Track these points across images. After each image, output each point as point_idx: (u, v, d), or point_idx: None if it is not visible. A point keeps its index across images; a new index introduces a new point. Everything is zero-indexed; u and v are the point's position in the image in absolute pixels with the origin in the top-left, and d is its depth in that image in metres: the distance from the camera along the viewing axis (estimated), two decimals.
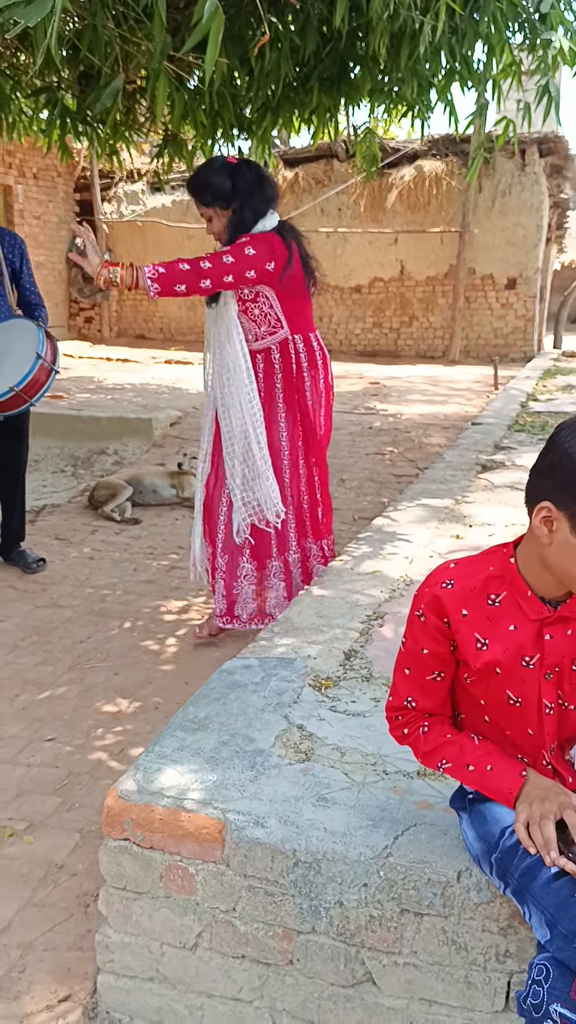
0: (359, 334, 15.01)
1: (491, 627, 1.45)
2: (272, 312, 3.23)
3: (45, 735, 2.82)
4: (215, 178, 3.14)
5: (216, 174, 3.15)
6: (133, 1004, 1.78)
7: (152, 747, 1.92)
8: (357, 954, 1.61)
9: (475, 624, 1.46)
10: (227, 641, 3.54)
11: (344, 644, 2.54)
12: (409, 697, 1.56)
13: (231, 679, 2.28)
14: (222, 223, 3.18)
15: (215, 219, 3.18)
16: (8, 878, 2.15)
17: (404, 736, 1.60)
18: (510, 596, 1.45)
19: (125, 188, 15.38)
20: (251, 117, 4.85)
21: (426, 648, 1.51)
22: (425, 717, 1.58)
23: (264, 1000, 1.69)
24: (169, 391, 9.62)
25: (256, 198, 3.16)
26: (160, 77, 3.57)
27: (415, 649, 1.52)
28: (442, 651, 1.50)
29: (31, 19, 1.72)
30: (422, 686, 1.54)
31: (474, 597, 1.46)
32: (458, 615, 1.47)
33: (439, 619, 1.48)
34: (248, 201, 3.14)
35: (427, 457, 6.88)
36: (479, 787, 1.49)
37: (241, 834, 1.64)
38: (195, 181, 3.20)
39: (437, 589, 1.48)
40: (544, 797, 1.40)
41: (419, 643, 1.51)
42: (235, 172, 3.16)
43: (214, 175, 3.15)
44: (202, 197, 3.17)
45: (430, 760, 1.55)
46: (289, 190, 14.51)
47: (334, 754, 1.92)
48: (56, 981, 1.85)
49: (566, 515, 1.32)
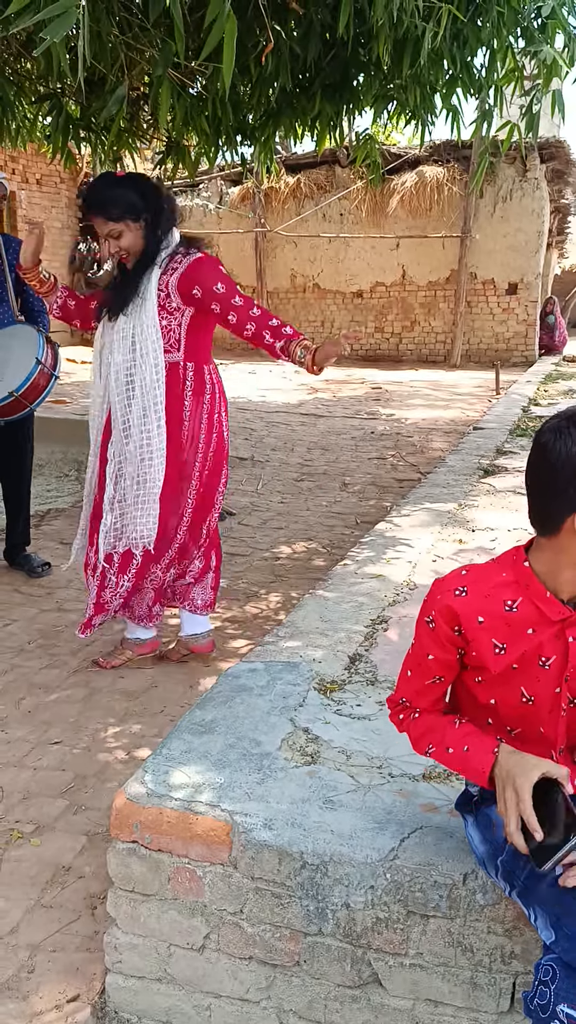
0: (361, 339, 15.03)
1: (509, 632, 1.46)
2: (177, 332, 3.05)
3: (51, 738, 2.84)
4: (119, 191, 2.97)
5: (118, 187, 3.00)
6: (141, 1004, 1.79)
7: (160, 750, 1.93)
8: (363, 955, 1.62)
9: (493, 630, 1.46)
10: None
11: (349, 648, 2.55)
12: (404, 697, 1.59)
13: (237, 683, 2.29)
14: (134, 237, 2.99)
15: (126, 234, 2.98)
16: (16, 880, 2.16)
17: (400, 722, 1.62)
18: (527, 601, 1.45)
19: None
20: (253, 124, 4.88)
21: (432, 654, 1.51)
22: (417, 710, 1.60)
23: (271, 1001, 1.70)
24: None
25: (167, 206, 3.05)
26: (163, 84, 3.59)
27: (420, 653, 1.53)
28: (448, 658, 1.51)
29: (56, 34, 1.74)
30: (419, 689, 1.56)
31: (489, 604, 1.47)
32: (473, 623, 1.47)
33: (450, 628, 1.48)
34: (161, 212, 3.02)
35: (429, 462, 6.90)
36: (460, 769, 1.48)
37: (248, 836, 1.65)
38: (99, 196, 2.99)
39: (450, 598, 1.48)
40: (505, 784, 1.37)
41: (425, 648, 1.52)
42: (137, 183, 3.03)
43: (117, 188, 2.99)
44: (110, 212, 2.96)
45: (419, 746, 1.57)
46: (291, 196, 14.57)
47: (340, 757, 1.93)
48: (64, 981, 1.86)
49: None
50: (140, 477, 3.03)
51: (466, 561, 1.62)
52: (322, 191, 14.34)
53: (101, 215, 2.98)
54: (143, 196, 2.98)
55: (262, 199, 14.60)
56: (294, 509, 5.78)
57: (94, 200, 3.00)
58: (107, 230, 2.98)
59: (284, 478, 6.64)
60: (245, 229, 14.85)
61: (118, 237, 2.99)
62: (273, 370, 13.00)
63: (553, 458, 1.35)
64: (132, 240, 3.00)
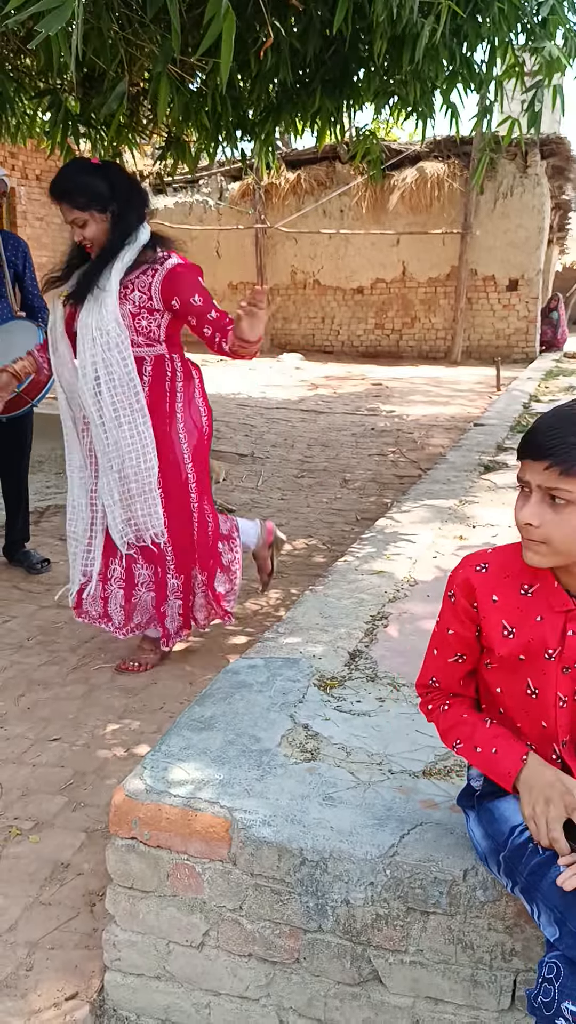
0: (361, 335, 15.03)
1: (520, 616, 1.47)
2: (157, 331, 3.00)
3: (50, 735, 2.83)
4: (88, 179, 2.90)
5: (88, 175, 2.91)
6: (140, 1002, 1.79)
7: (159, 746, 1.92)
8: (363, 952, 1.62)
9: (504, 611, 1.48)
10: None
11: (349, 644, 2.55)
12: (433, 677, 1.61)
13: (236, 679, 2.28)
14: (99, 228, 2.93)
15: (91, 224, 2.91)
16: (15, 877, 2.16)
17: (429, 712, 1.64)
18: (542, 588, 1.46)
19: None
20: (254, 119, 4.86)
21: (452, 628, 1.55)
22: (447, 696, 1.61)
23: (271, 998, 1.70)
24: None
25: (136, 200, 2.98)
26: (163, 80, 3.58)
27: (443, 628, 1.57)
28: (466, 634, 1.53)
29: (52, 27, 1.73)
30: (444, 667, 1.58)
31: (507, 584, 1.49)
32: (488, 600, 1.49)
33: (468, 602, 1.51)
34: (129, 203, 2.94)
35: (430, 458, 6.89)
36: (485, 769, 1.50)
37: (248, 833, 1.64)
38: (65, 183, 2.91)
39: (470, 572, 1.51)
40: (548, 797, 1.40)
41: (446, 623, 1.56)
42: (108, 173, 2.95)
43: (86, 176, 2.91)
44: (75, 200, 2.89)
45: (447, 738, 1.58)
46: (291, 192, 14.55)
47: (340, 753, 1.93)
48: (63, 979, 1.86)
49: None
50: (133, 471, 2.98)
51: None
52: (322, 187, 14.32)
53: (66, 202, 2.90)
54: (112, 187, 2.91)
55: (262, 195, 14.58)
56: (294, 506, 5.77)
57: (61, 186, 2.92)
58: (72, 218, 2.92)
59: (284, 475, 6.63)
60: (245, 225, 14.83)
61: (83, 226, 2.92)
62: (273, 366, 12.99)
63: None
64: (96, 231, 2.93)
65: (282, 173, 14.14)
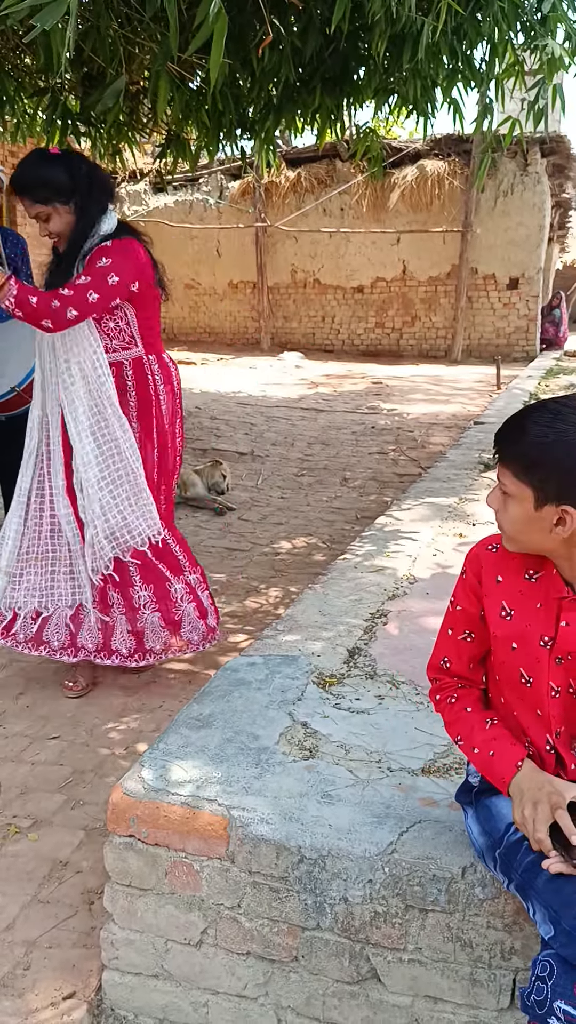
0: (361, 334, 15.02)
1: (520, 600, 1.49)
2: (128, 329, 2.91)
3: (49, 733, 2.83)
4: (49, 171, 2.78)
5: (48, 166, 2.79)
6: (138, 1001, 1.78)
7: (157, 744, 1.92)
8: (362, 951, 1.61)
9: (506, 593, 1.51)
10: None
11: (348, 641, 2.54)
12: (445, 657, 1.63)
13: (235, 676, 2.28)
14: (64, 221, 2.82)
15: (54, 217, 2.81)
16: (13, 875, 2.15)
17: (437, 702, 1.65)
18: (544, 576, 1.48)
19: (128, 188, 15.42)
20: (254, 117, 4.86)
21: (460, 605, 1.58)
22: (456, 686, 1.62)
23: (269, 997, 1.69)
24: None
25: (96, 190, 2.85)
26: (162, 77, 3.57)
27: (453, 606, 1.60)
28: (472, 611, 1.56)
29: (46, 22, 1.73)
30: (456, 646, 1.61)
31: (513, 567, 1.51)
32: (492, 579, 1.52)
33: (475, 578, 1.55)
34: (90, 194, 2.82)
35: (430, 456, 6.89)
36: (481, 770, 1.52)
37: (246, 831, 1.64)
38: (25, 177, 2.79)
39: (481, 549, 1.56)
40: (536, 799, 1.40)
41: (457, 600, 1.59)
42: (69, 164, 2.82)
43: (47, 168, 2.79)
44: (37, 194, 2.78)
45: (451, 731, 1.60)
46: (291, 190, 14.54)
47: (338, 751, 1.92)
48: (61, 978, 1.85)
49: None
50: (117, 476, 2.88)
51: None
52: (322, 185, 14.30)
53: (27, 196, 2.79)
54: (73, 177, 2.79)
55: (262, 194, 14.57)
56: (294, 504, 5.76)
57: (22, 179, 2.80)
58: (34, 212, 2.81)
59: (284, 473, 6.62)
60: (245, 224, 14.82)
61: (46, 220, 2.82)
62: (274, 365, 12.98)
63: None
64: (60, 224, 2.83)
65: (282, 171, 14.13)
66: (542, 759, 1.50)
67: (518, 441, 1.37)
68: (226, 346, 15.09)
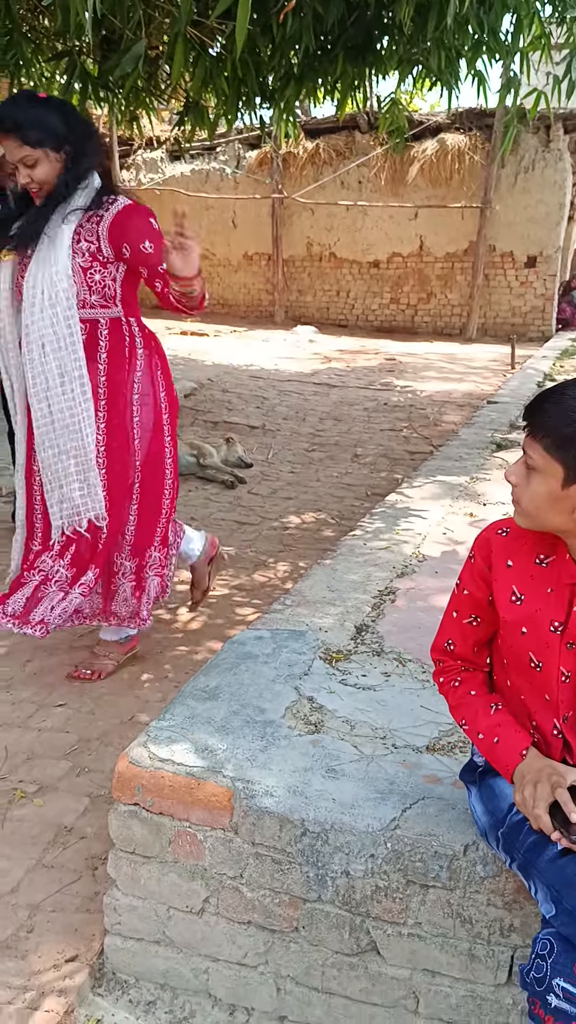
0: (376, 309, 14.91)
1: (531, 584, 1.48)
2: (112, 286, 2.72)
3: (56, 700, 2.85)
4: (42, 113, 2.57)
5: (41, 108, 2.59)
6: (139, 966, 1.80)
7: (163, 715, 1.93)
8: (362, 923, 1.62)
9: (516, 578, 1.49)
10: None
11: (356, 618, 2.54)
12: (450, 639, 1.62)
13: (242, 650, 2.28)
14: (51, 168, 2.62)
15: (42, 163, 2.60)
16: (18, 840, 2.18)
17: (440, 684, 1.65)
18: (556, 560, 1.47)
19: (144, 156, 15.28)
20: (274, 86, 4.80)
21: (467, 589, 1.57)
22: (460, 669, 1.62)
23: (269, 966, 1.71)
24: (184, 362, 9.60)
25: (92, 142, 2.68)
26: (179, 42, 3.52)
27: (459, 589, 1.59)
28: (479, 595, 1.55)
29: None
30: (461, 629, 1.60)
31: (524, 552, 1.50)
32: (502, 563, 1.51)
33: (485, 564, 1.53)
34: (86, 145, 2.64)
35: (442, 435, 6.86)
36: (485, 755, 1.53)
37: (250, 802, 1.65)
38: (16, 116, 2.56)
39: (491, 533, 1.54)
40: (536, 780, 1.40)
41: (464, 584, 1.58)
42: (62, 109, 2.65)
43: (40, 109, 2.58)
44: (26, 135, 2.55)
45: (455, 715, 1.61)
46: (310, 161, 14.39)
47: (344, 727, 1.93)
48: (63, 941, 1.88)
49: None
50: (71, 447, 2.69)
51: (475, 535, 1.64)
52: (341, 157, 14.14)
53: (16, 137, 2.56)
54: (67, 123, 2.61)
55: (280, 164, 14.41)
56: (304, 479, 5.75)
57: (12, 118, 2.56)
58: (21, 155, 2.58)
59: (295, 448, 6.60)
60: (262, 195, 14.69)
61: (32, 166, 2.60)
62: (287, 338, 12.91)
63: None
64: (48, 172, 2.62)
65: (301, 142, 13.97)
66: (548, 744, 1.50)
67: (554, 415, 1.33)
68: (239, 318, 15.00)
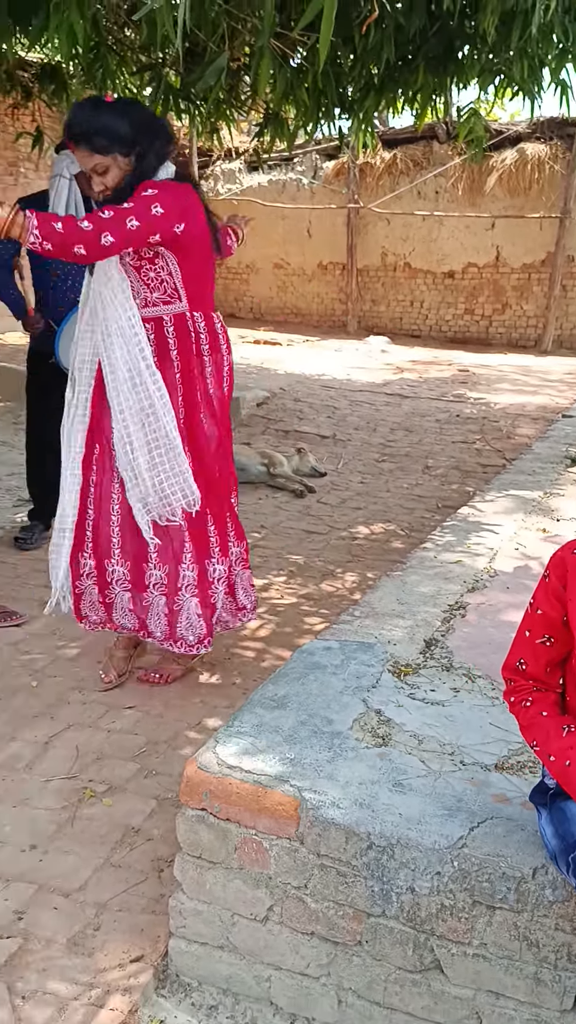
0: (450, 320, 14.79)
1: None
2: (171, 280, 2.69)
3: (125, 703, 2.89)
4: (109, 119, 2.56)
5: (108, 113, 2.58)
6: (202, 970, 1.82)
7: (232, 722, 1.94)
8: (426, 941, 1.61)
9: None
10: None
11: (425, 632, 2.53)
12: (521, 658, 1.60)
13: (311, 660, 2.29)
14: (122, 174, 2.61)
15: (113, 169, 2.60)
16: (87, 838, 2.22)
17: (511, 704, 1.63)
18: None
19: (222, 166, 15.45)
20: (353, 96, 4.81)
21: (541, 608, 1.55)
22: (532, 689, 1.59)
23: (331, 977, 1.71)
24: (257, 371, 9.66)
25: (160, 140, 2.65)
26: (264, 55, 3.56)
27: (532, 608, 1.57)
28: (553, 615, 1.53)
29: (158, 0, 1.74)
30: (534, 649, 1.57)
31: None
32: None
33: (560, 583, 1.51)
34: (152, 144, 2.62)
35: (515, 448, 6.76)
36: (557, 777, 1.49)
37: (317, 813, 1.65)
38: (84, 124, 2.57)
39: (567, 552, 1.52)
40: None
41: (537, 603, 1.56)
42: (128, 111, 2.63)
43: (106, 115, 2.57)
44: (95, 143, 2.56)
45: (526, 736, 1.58)
46: (386, 171, 14.36)
47: (411, 741, 1.91)
48: (129, 941, 1.91)
49: None
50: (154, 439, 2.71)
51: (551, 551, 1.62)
52: (418, 167, 14.07)
53: (86, 146, 2.58)
54: (133, 124, 2.59)
55: (356, 174, 14.43)
56: (374, 490, 5.73)
57: (80, 128, 2.57)
58: (92, 163, 2.60)
59: (365, 458, 6.59)
60: (338, 205, 14.71)
61: (103, 173, 2.61)
62: (360, 348, 12.89)
63: None
64: (119, 176, 2.62)
65: (378, 152, 13.95)
66: None
67: None
68: (312, 327, 15.03)
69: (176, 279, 2.70)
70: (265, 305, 15.66)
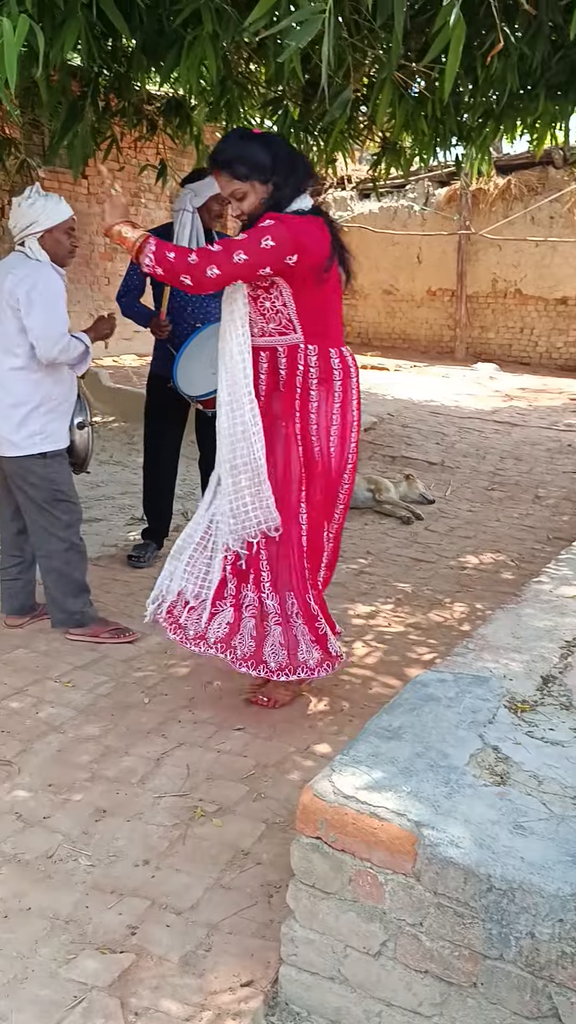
0: (561, 348, 14.52)
1: None
2: (285, 311, 2.76)
3: (235, 724, 2.92)
4: (251, 148, 2.70)
5: (249, 144, 2.72)
6: (312, 1000, 1.81)
7: (347, 750, 1.94)
8: (544, 988, 1.56)
9: None
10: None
11: (542, 668, 2.47)
12: None
13: (425, 691, 2.26)
14: (258, 200, 2.73)
15: (250, 195, 2.73)
16: (199, 857, 2.24)
17: None
18: None
19: (335, 194, 15.62)
20: (471, 124, 4.80)
21: None
22: None
23: (443, 1018, 1.67)
24: (365, 396, 9.65)
25: (299, 172, 2.75)
26: (386, 86, 3.60)
27: None
28: None
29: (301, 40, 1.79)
30: None
31: None
32: None
33: None
34: (290, 175, 2.72)
35: None
36: None
37: (435, 851, 1.63)
38: (227, 152, 2.72)
39: None
40: None
41: None
42: (269, 143, 2.75)
43: (248, 145, 2.72)
44: (236, 170, 2.70)
45: None
46: (500, 197, 14.26)
47: (531, 781, 1.87)
48: (239, 964, 1.91)
49: None
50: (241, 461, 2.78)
51: None
52: (532, 193, 13.91)
53: (227, 172, 2.72)
54: (274, 157, 2.71)
55: (469, 201, 14.35)
56: (483, 518, 5.65)
57: (223, 155, 2.73)
58: (231, 190, 2.74)
59: (474, 486, 6.51)
60: (449, 231, 14.67)
61: (241, 199, 2.75)
62: (467, 375, 12.77)
63: None
64: (255, 204, 2.74)
65: (492, 178, 13.86)
66: None
67: None
68: (420, 353, 14.98)
69: (290, 310, 2.76)
70: (373, 330, 15.70)
